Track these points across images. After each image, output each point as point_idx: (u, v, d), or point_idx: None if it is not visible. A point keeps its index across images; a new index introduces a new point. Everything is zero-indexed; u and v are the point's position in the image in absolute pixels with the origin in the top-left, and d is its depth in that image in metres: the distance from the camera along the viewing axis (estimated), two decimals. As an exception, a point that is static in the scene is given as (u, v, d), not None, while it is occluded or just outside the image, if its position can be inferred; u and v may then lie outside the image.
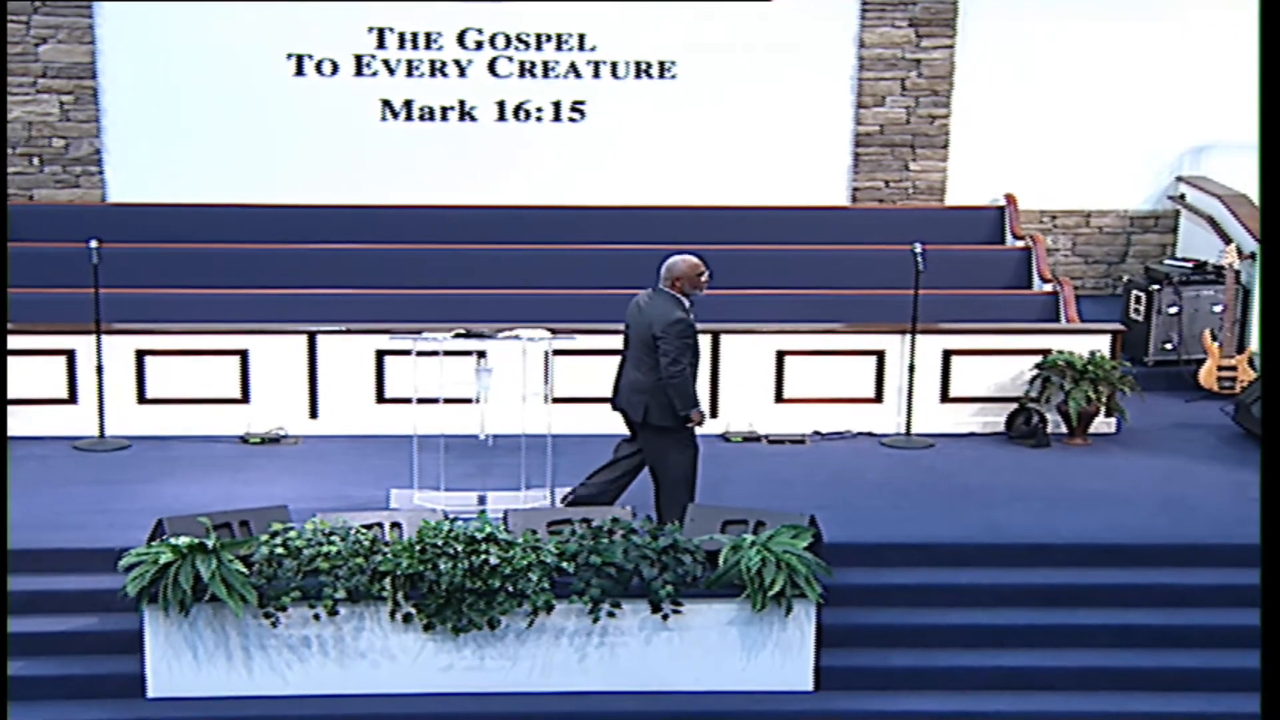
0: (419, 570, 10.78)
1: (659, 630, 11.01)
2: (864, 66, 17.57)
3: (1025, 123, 17.78)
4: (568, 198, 17.16)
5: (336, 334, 14.06)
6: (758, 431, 14.23)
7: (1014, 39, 17.64)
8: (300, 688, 10.92)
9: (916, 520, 12.26)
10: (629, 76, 17.41)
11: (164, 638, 10.83)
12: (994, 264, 16.67)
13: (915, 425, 14.22)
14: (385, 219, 16.78)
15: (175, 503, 12.13)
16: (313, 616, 10.80)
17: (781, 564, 10.86)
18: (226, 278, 15.73)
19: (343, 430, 14.03)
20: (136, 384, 14.00)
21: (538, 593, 10.81)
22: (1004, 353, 14.44)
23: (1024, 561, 11.79)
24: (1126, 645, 11.35)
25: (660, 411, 11.57)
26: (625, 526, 11.16)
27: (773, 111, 17.52)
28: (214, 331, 14.11)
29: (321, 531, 10.94)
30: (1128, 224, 18.19)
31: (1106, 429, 14.42)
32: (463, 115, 17.35)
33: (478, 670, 10.99)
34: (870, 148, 17.68)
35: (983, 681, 11.11)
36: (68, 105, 16.97)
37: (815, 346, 14.32)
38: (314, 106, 17.19)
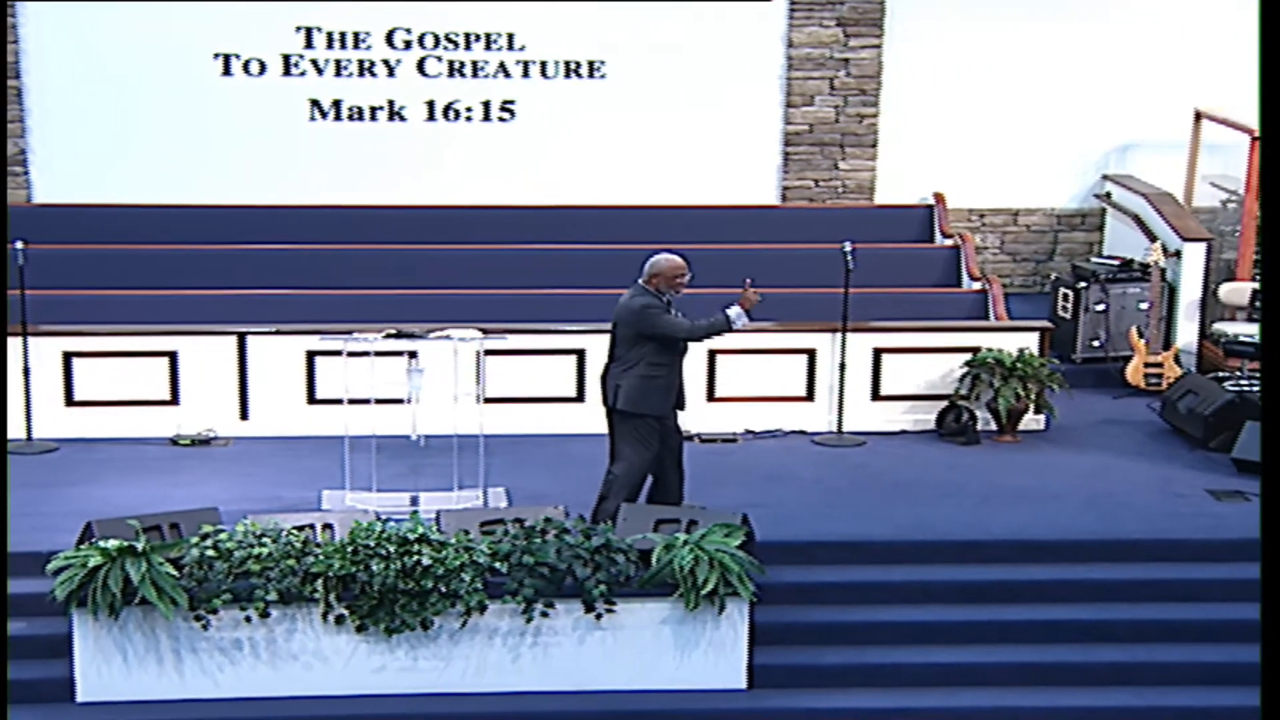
0: (351, 571, 10.75)
1: (592, 630, 11.02)
2: (792, 66, 17.61)
3: (953, 122, 17.86)
4: (498, 197, 17.12)
5: (267, 335, 14.00)
6: (690, 430, 14.16)
7: (941, 38, 17.72)
8: (232, 690, 10.88)
9: (848, 518, 12.32)
10: (558, 76, 17.39)
11: (93, 642, 10.77)
12: (923, 262, 16.75)
13: (846, 423, 14.27)
14: (315, 219, 16.70)
15: (104, 506, 12.05)
16: (244, 619, 10.76)
17: (714, 563, 10.89)
18: (155, 278, 15.62)
19: (274, 431, 13.96)
20: (64, 386, 13.89)
21: (471, 593, 10.81)
22: (934, 351, 14.51)
23: (954, 558, 11.87)
24: (1056, 640, 11.44)
25: (627, 398, 11.67)
26: (558, 526, 11.17)
27: (702, 111, 17.53)
28: (143, 333, 14.01)
29: (253, 533, 10.90)
30: (1055, 222, 18.31)
31: (1035, 426, 14.51)
32: (392, 115, 17.29)
33: (411, 671, 10.98)
34: (799, 147, 17.73)
35: (914, 678, 11.18)
36: (-7, 105, 16.82)
37: (746, 345, 14.33)
38: (242, 106, 17.08)
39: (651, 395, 11.70)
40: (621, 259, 16.03)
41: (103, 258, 15.88)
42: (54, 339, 13.83)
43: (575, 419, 13.98)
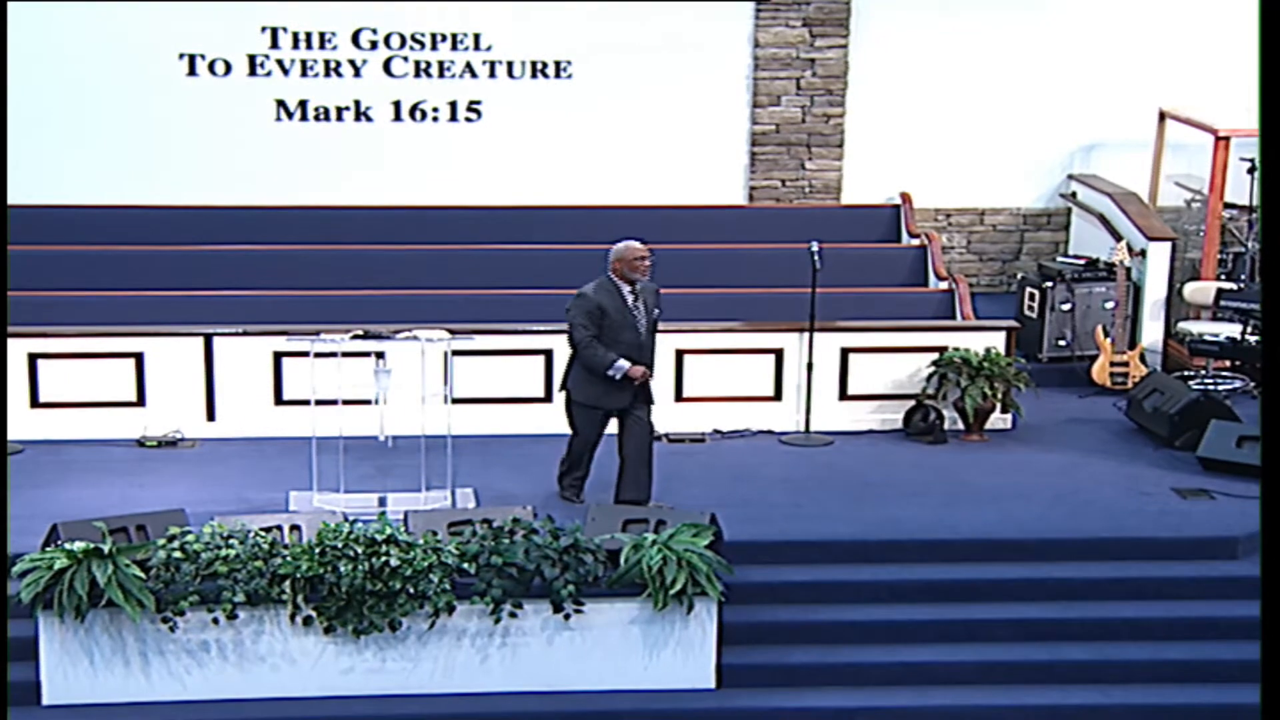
0: (319, 573, 10.74)
1: (561, 630, 11.02)
2: (759, 66, 17.62)
3: (920, 122, 17.89)
4: (465, 198, 17.10)
5: (233, 336, 13.96)
6: (657, 430, 14.22)
7: (908, 38, 17.75)
8: (199, 693, 10.86)
9: (816, 517, 12.34)
10: (525, 76, 17.38)
11: (59, 644, 10.74)
12: (890, 262, 16.78)
13: (814, 423, 14.29)
14: (281, 220, 16.65)
15: (70, 507, 12.00)
16: (211, 621, 10.75)
17: (682, 562, 10.90)
18: (121, 279, 15.56)
19: (241, 433, 13.92)
20: (29, 387, 13.83)
21: (439, 594, 10.80)
22: (901, 350, 14.54)
23: (922, 557, 11.90)
24: (1023, 639, 11.48)
25: (569, 382, 12.31)
26: (526, 527, 11.17)
27: (669, 111, 17.54)
28: (108, 334, 13.97)
29: (220, 535, 10.87)
30: (1021, 222, 18.36)
31: (1002, 425, 14.55)
32: (358, 115, 17.25)
33: (379, 672, 10.97)
34: (766, 147, 17.74)
35: (883, 677, 11.20)
36: (-45, 106, 16.74)
37: (714, 345, 14.36)
38: (208, 107, 17.02)
39: (588, 385, 12.24)
40: (589, 259, 15.99)
41: (67, 258, 15.82)
42: (19, 340, 13.75)
43: (543, 419, 13.96)
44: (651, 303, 12.36)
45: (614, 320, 12.12)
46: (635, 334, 12.20)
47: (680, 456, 13.74)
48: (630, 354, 12.14)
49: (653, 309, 12.37)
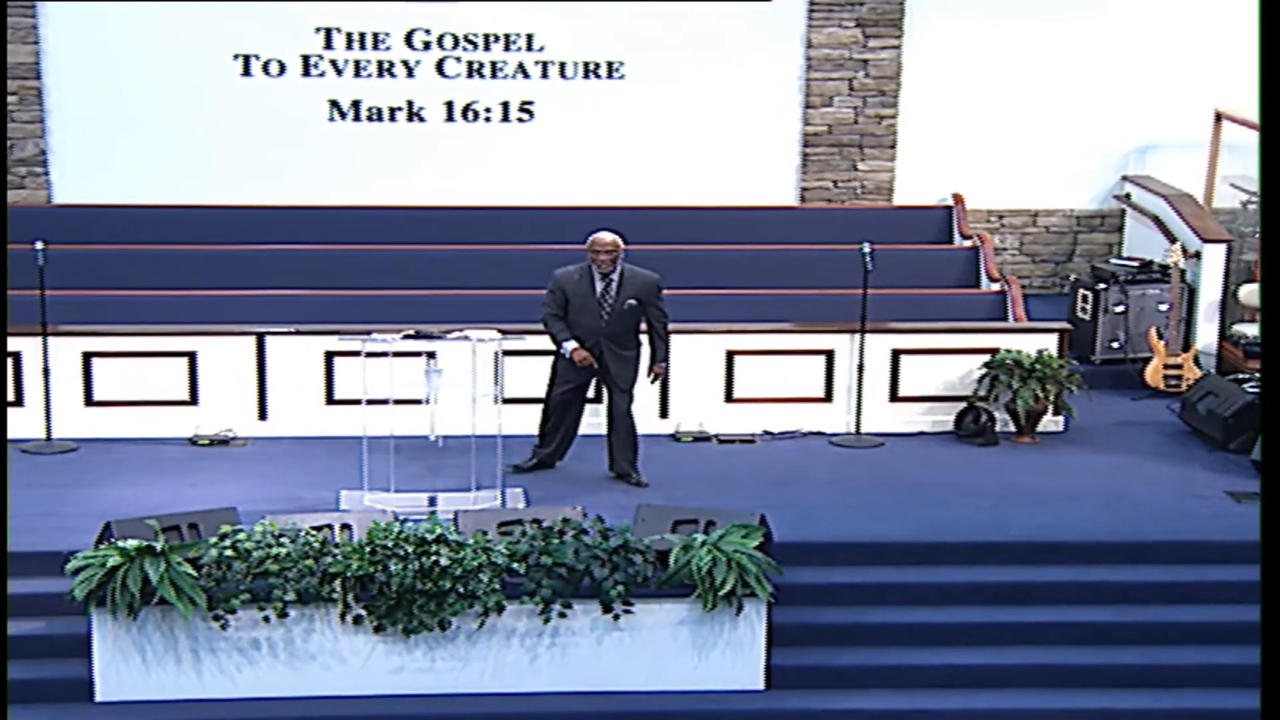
0: (369, 572, 10.77)
1: (610, 630, 11.02)
2: (811, 67, 17.59)
3: (973, 122, 17.83)
4: (516, 198, 17.13)
5: (285, 335, 14.01)
6: (708, 431, 14.25)
7: (961, 39, 17.69)
8: (250, 690, 10.90)
9: (866, 519, 12.31)
10: (577, 77, 17.40)
11: (112, 641, 10.80)
12: (942, 263, 16.73)
13: (864, 424, 14.25)
14: (334, 220, 16.72)
15: (123, 505, 12.07)
16: (262, 619, 10.78)
17: (732, 563, 10.89)
18: (174, 279, 15.64)
19: (292, 432, 13.98)
20: (84, 386, 13.91)
21: (488, 594, 10.81)
22: (952, 352, 14.49)
23: (972, 559, 11.86)
24: (1073, 642, 11.42)
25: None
26: (576, 527, 11.17)
27: (721, 112, 17.53)
28: (162, 333, 14.04)
29: (271, 533, 10.91)
30: (1074, 223, 18.27)
31: (1054, 427, 14.48)
32: (411, 116, 17.30)
33: (428, 672, 10.99)
34: (818, 148, 17.71)
35: (932, 679, 11.17)
36: (12, 106, 16.84)
37: (765, 346, 14.35)
38: (261, 107, 17.11)
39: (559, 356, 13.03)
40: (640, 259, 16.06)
41: (122, 258, 15.91)
42: (73, 339, 13.86)
43: (593, 419, 13.99)
44: (629, 293, 12.71)
45: (575, 304, 12.79)
46: (595, 320, 12.76)
47: (730, 457, 13.74)
48: (586, 337, 12.78)
49: (626, 300, 12.69)
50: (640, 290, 12.79)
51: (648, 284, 12.83)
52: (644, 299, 12.80)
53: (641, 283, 12.82)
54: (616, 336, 12.83)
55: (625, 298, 12.77)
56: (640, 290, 12.79)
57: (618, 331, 12.82)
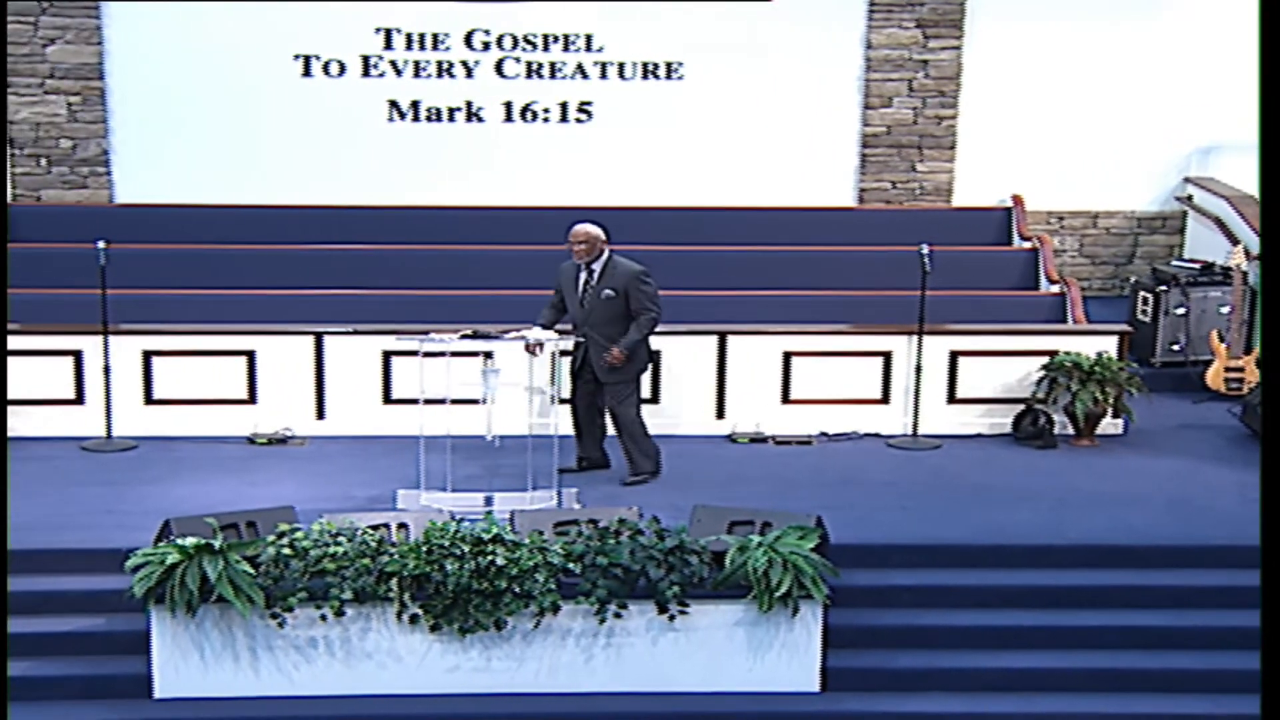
0: (425, 571, 10.79)
1: (665, 631, 11.02)
2: (871, 67, 17.55)
3: (1033, 123, 17.76)
4: (574, 199, 17.12)
5: (343, 335, 14.07)
6: (764, 432, 14.23)
7: (1021, 39, 17.61)
8: (307, 689, 10.95)
9: (923, 521, 12.26)
10: (636, 78, 17.41)
11: (170, 638, 10.85)
12: (1001, 265, 16.66)
13: (922, 426, 14.21)
14: (393, 220, 16.77)
15: (182, 503, 12.14)
16: (319, 617, 10.82)
17: (788, 565, 10.87)
18: (233, 278, 15.73)
19: (349, 431, 14.03)
20: (144, 385, 14.00)
21: (544, 594, 10.83)
22: (1011, 354, 14.43)
23: (1030, 562, 11.79)
24: (1132, 646, 11.35)
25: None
26: (632, 527, 11.17)
27: (780, 112, 17.51)
28: (221, 332, 14.11)
29: (328, 532, 10.95)
30: (1135, 225, 18.17)
31: (1113, 430, 14.41)
32: (470, 116, 17.35)
33: (484, 671, 11.01)
34: (877, 149, 17.67)
35: (989, 682, 11.12)
36: (75, 106, 16.98)
37: (822, 347, 14.32)
38: (321, 107, 17.19)
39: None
40: (698, 260, 16.11)
41: (182, 257, 16.01)
42: (134, 338, 13.95)
43: (650, 420, 13.98)
44: (608, 284, 12.84)
45: (565, 293, 13.09)
46: (576, 309, 12.98)
47: (787, 458, 13.72)
48: (576, 326, 12.97)
49: (603, 290, 12.82)
50: (619, 281, 12.84)
51: (627, 274, 12.87)
52: (623, 289, 12.82)
53: (622, 274, 12.87)
54: (597, 326, 12.86)
55: (603, 288, 12.82)
56: (619, 281, 12.84)
57: (598, 321, 12.85)
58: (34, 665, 10.86)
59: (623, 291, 12.81)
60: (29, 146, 17.01)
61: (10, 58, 16.81)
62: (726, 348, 14.22)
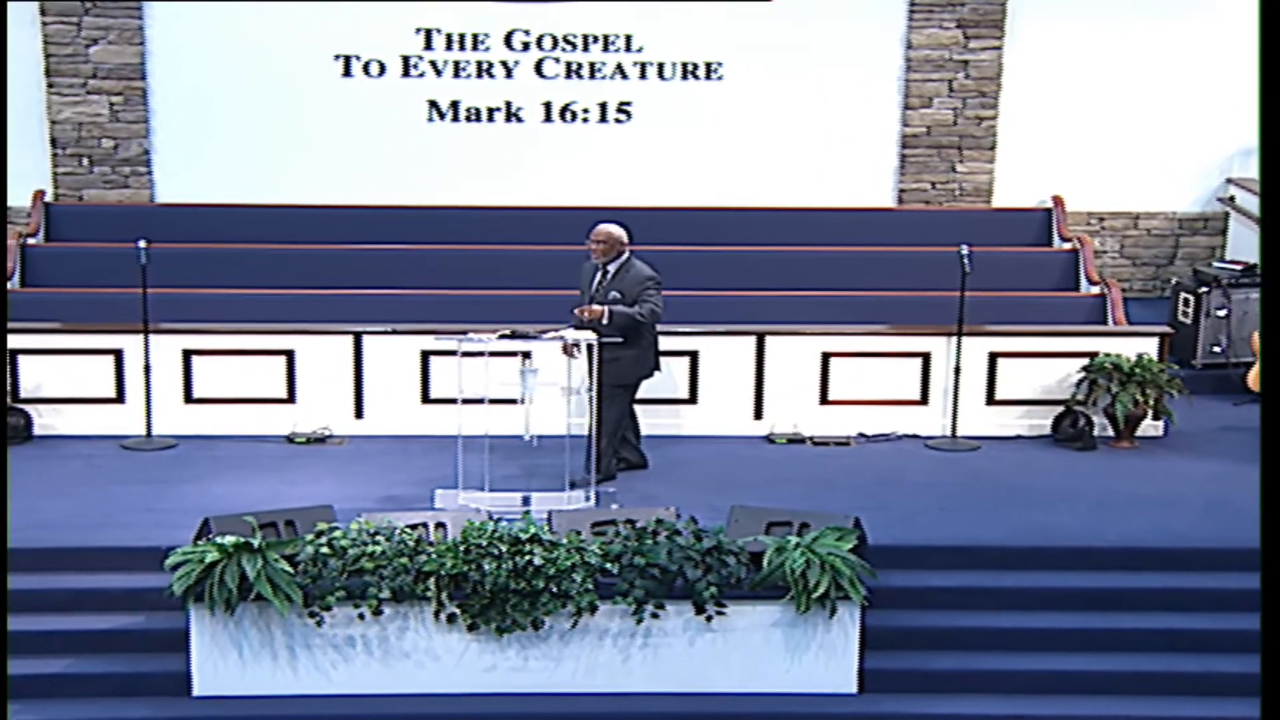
0: (463, 571, 10.81)
1: (703, 632, 11.01)
2: (911, 68, 17.52)
3: (1073, 124, 17.70)
4: (613, 199, 17.13)
5: (382, 334, 14.10)
6: (802, 433, 14.22)
7: (1063, 40, 17.56)
8: (345, 687, 10.97)
9: (961, 522, 12.23)
10: (675, 78, 17.41)
11: (209, 636, 10.89)
12: (1041, 266, 16.62)
13: (961, 427, 14.18)
14: (431, 220, 16.81)
15: (221, 502, 12.19)
16: (357, 616, 10.85)
17: (826, 566, 10.85)
18: (273, 278, 15.79)
19: (388, 430, 14.06)
20: (184, 384, 14.07)
21: (582, 594, 10.83)
22: (1050, 355, 14.39)
23: (1069, 564, 11.75)
24: (1172, 649, 11.30)
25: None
26: (669, 528, 11.17)
27: (819, 113, 17.49)
28: (260, 331, 14.16)
29: (366, 531, 10.98)
30: (1176, 226, 18.10)
31: (1154, 432, 14.35)
32: (509, 116, 17.37)
33: (521, 671, 11.01)
34: (917, 149, 17.64)
35: (1027, 685, 11.08)
36: (117, 106, 17.06)
37: (861, 348, 14.30)
38: (361, 107, 17.23)
39: None
40: (737, 260, 16.11)
41: (222, 257, 16.08)
42: (174, 337, 14.02)
43: (688, 421, 14.03)
44: (616, 286, 12.81)
45: (582, 292, 13.10)
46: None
47: (825, 459, 13.70)
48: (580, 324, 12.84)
49: (610, 292, 12.78)
50: (629, 284, 12.81)
51: (636, 278, 12.84)
52: (629, 292, 12.79)
53: (633, 278, 12.83)
54: (603, 329, 12.72)
55: (611, 289, 12.82)
56: (629, 284, 12.81)
57: (603, 324, 12.72)
58: (75, 662, 10.92)
59: (630, 296, 12.79)
60: (71, 146, 17.10)
61: (53, 58, 16.90)
62: (765, 348, 14.21)
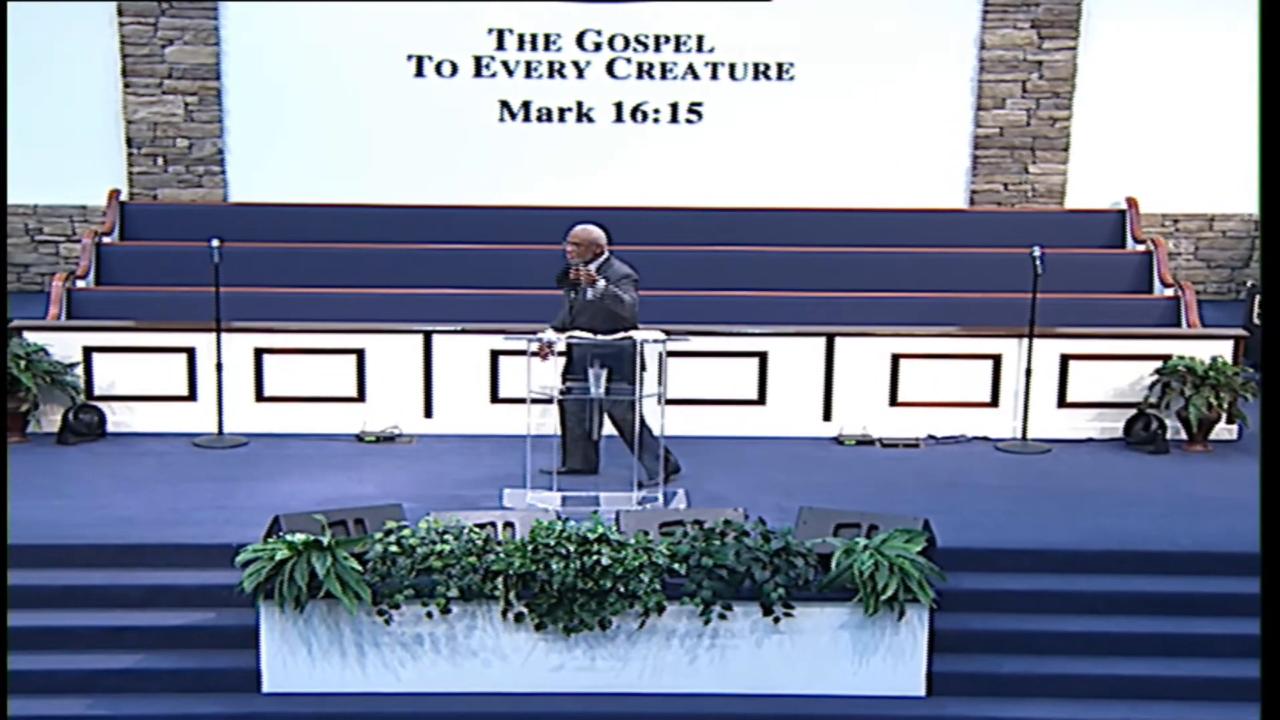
0: (531, 570, 10.82)
1: (770, 633, 10.99)
2: (984, 68, 17.45)
3: (1148, 125, 17.60)
4: (684, 199, 17.17)
5: (452, 334, 14.15)
6: (871, 435, 14.18)
7: (1138, 40, 17.46)
8: (412, 685, 11.00)
9: (1031, 525, 12.16)
10: (747, 78, 17.40)
11: (279, 633, 10.94)
12: (1114, 268, 16.51)
13: (1031, 430, 14.11)
14: (502, 219, 16.86)
15: (291, 500, 12.25)
16: (425, 615, 10.87)
17: (894, 568, 10.81)
18: (344, 277, 15.87)
19: (457, 429, 14.11)
20: (255, 382, 14.15)
21: (649, 594, 10.82)
22: (1123, 358, 14.30)
23: (1140, 568, 11.66)
24: (1243, 655, 11.18)
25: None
26: (737, 529, 11.15)
27: (891, 113, 17.45)
28: (331, 330, 14.24)
29: (435, 530, 11.01)
30: (1252, 228, 17.95)
31: (1227, 435, 14.24)
32: (580, 116, 17.41)
33: (588, 670, 11.02)
34: (989, 150, 17.56)
35: (1096, 690, 11.00)
36: (192, 106, 17.19)
37: (931, 350, 14.25)
38: (433, 107, 17.31)
39: None
40: (807, 261, 16.08)
41: (294, 256, 16.17)
42: (246, 335, 14.11)
43: (757, 422, 14.00)
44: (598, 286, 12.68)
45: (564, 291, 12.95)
46: (566, 309, 12.86)
47: (894, 461, 13.65)
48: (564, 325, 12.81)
49: (585, 290, 12.66)
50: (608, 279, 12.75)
51: (615, 275, 12.76)
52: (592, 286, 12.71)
53: (613, 273, 12.77)
54: (583, 326, 12.70)
55: (586, 287, 12.71)
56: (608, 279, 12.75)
57: (585, 325, 12.68)
58: (146, 658, 10.99)
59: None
60: (146, 146, 17.24)
61: (129, 58, 17.07)
62: (834, 349, 14.17)
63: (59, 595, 11.25)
